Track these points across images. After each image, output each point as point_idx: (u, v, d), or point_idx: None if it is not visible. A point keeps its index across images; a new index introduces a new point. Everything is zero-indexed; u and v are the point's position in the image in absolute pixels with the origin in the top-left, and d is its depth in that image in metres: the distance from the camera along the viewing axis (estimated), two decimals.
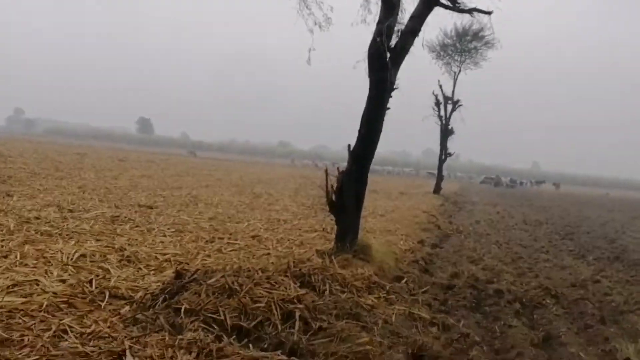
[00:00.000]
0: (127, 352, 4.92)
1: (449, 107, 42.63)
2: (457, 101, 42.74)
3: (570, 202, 55.29)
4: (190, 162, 62.08)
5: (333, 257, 8.91)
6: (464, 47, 42.36)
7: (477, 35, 41.53)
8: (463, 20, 39.85)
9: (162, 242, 10.88)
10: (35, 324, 5.64)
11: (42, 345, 5.08)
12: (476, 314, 8.19)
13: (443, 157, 44.83)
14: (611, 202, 62.54)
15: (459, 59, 43.10)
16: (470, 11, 9.92)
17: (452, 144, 44.43)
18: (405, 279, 9.48)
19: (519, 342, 6.94)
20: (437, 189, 43.13)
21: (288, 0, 9.61)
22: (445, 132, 43.32)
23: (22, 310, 5.98)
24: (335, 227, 10.10)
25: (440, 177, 45.87)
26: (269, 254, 10.66)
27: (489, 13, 9.98)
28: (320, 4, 9.48)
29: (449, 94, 42.92)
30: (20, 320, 5.68)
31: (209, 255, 10.07)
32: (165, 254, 9.71)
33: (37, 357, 4.84)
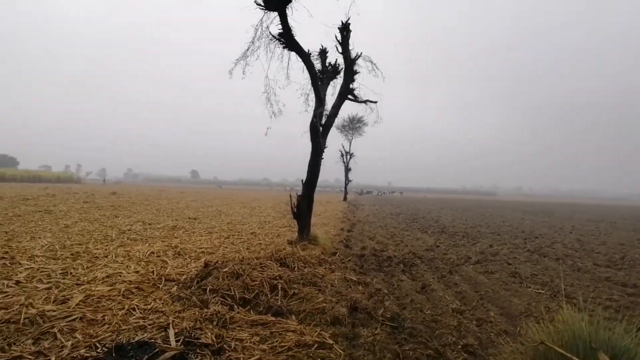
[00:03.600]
0: (170, 325, 3.77)
1: (349, 156, 42.32)
2: (352, 154, 42.55)
3: (411, 201, 55.21)
4: (218, 192, 60.24)
5: (297, 244, 7.85)
6: (353, 125, 42.31)
7: (359, 120, 41.79)
8: (352, 112, 41.31)
9: (199, 240, 9.61)
10: (114, 305, 4.47)
11: (116, 322, 3.92)
12: (380, 273, 7.12)
13: (347, 182, 44.28)
14: (430, 200, 62.66)
15: (352, 132, 43.01)
16: (365, 101, 9.07)
17: (350, 175, 44.22)
18: (337, 253, 8.41)
19: (409, 290, 5.93)
20: (345, 198, 42.53)
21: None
22: (347, 170, 42.98)
23: (107, 295, 4.77)
24: (297, 225, 8.97)
25: (346, 192, 45.39)
26: (260, 243, 9.51)
27: (375, 102, 9.15)
28: (276, 101, 8.50)
29: (347, 149, 42.70)
30: (105, 304, 4.49)
31: (226, 247, 8.86)
32: (201, 248, 8.47)
33: (111, 332, 3.69)
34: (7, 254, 6.83)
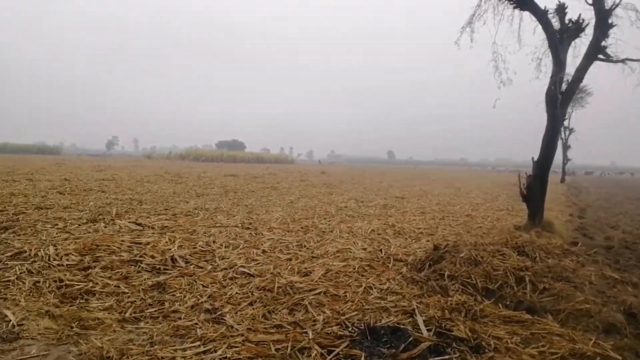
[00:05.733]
0: (416, 311, 3.53)
1: (568, 132, 36.91)
2: (572, 129, 36.96)
3: None
4: (415, 171, 60.10)
5: (530, 231, 6.92)
6: (574, 96, 36.73)
7: (581, 89, 35.71)
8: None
9: (414, 220, 9.42)
10: (351, 281, 4.52)
11: (358, 300, 3.90)
12: None
13: (565, 161, 39.00)
14: None
15: (572, 104, 37.39)
16: (623, 61, 7.38)
17: (569, 153, 38.81)
18: (579, 244, 7.14)
19: None
20: (562, 180, 37.43)
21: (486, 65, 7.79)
22: (565, 147, 37.68)
23: (343, 271, 4.87)
24: (526, 209, 7.99)
25: (564, 173, 39.94)
26: (480, 227, 8.81)
27: (638, 60, 7.36)
28: (505, 69, 7.59)
29: (566, 123, 37.12)
30: (342, 279, 4.59)
31: (444, 228, 8.44)
32: (418, 228, 8.24)
33: (356, 310, 3.66)
34: (251, 224, 7.74)
